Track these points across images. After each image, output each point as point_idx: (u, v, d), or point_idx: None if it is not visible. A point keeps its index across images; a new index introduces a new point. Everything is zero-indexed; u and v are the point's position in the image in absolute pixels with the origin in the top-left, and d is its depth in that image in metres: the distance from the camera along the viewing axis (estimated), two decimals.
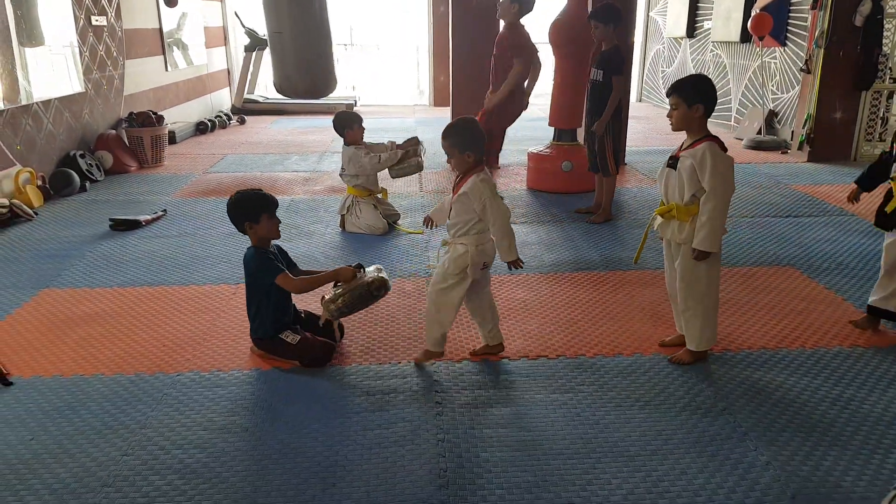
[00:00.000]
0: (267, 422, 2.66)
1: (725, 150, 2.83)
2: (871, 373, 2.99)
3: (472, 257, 2.90)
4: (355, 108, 11.69)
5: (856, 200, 3.54)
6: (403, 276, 4.14)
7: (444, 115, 8.12)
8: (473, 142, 2.89)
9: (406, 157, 5.11)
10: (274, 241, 3.18)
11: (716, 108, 2.92)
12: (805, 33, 7.67)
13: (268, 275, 3.03)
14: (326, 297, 3.15)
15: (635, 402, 2.78)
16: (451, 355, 3.17)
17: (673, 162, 2.90)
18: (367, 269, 3.22)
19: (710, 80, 2.92)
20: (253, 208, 3.04)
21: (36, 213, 5.38)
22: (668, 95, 2.88)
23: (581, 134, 6.62)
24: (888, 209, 3.24)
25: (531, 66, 6.04)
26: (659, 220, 3.01)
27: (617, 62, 4.89)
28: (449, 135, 2.91)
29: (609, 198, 5.24)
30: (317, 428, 2.61)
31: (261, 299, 3.10)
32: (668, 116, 2.92)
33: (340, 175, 5.15)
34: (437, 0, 11.56)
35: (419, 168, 5.23)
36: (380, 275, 3.15)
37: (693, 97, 2.81)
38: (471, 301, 3.08)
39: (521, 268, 2.97)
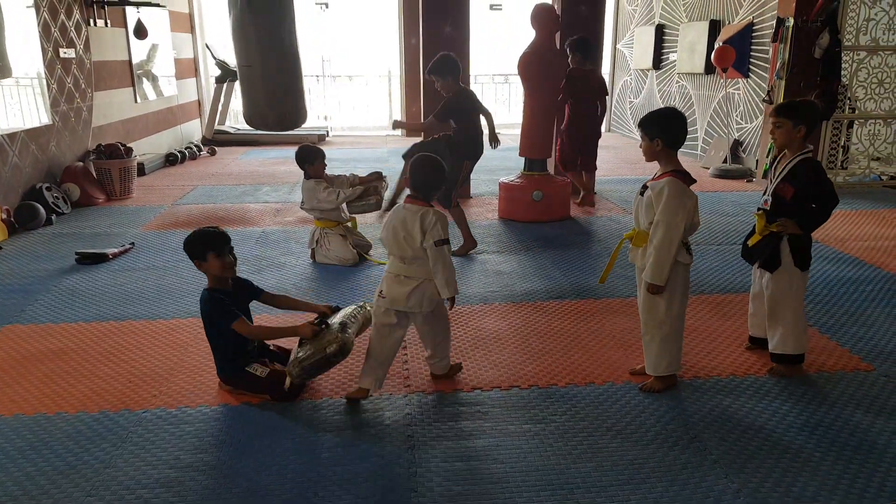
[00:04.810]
0: (235, 459, 2.61)
1: (692, 182, 2.89)
2: (837, 397, 3.04)
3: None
4: (327, 139, 11.72)
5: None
6: None
7: None
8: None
9: (367, 193, 5.05)
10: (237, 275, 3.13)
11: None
12: (767, 65, 7.89)
13: (223, 320, 2.98)
14: (290, 360, 2.98)
15: (607, 432, 2.78)
16: (424, 387, 3.15)
17: (643, 190, 2.98)
18: (333, 321, 3.02)
19: (673, 112, 2.96)
20: (199, 247, 2.98)
21: (0, 247, 5.28)
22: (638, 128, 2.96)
23: (551, 164, 6.71)
24: (750, 242, 3.21)
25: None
26: (630, 245, 3.07)
27: (447, 110, 5.13)
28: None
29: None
30: (286, 465, 2.57)
31: (219, 341, 3.05)
32: (640, 147, 3.01)
33: (301, 207, 5.13)
34: (408, 31, 11.70)
35: (379, 206, 5.13)
36: (343, 335, 2.90)
37: (653, 131, 2.89)
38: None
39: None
